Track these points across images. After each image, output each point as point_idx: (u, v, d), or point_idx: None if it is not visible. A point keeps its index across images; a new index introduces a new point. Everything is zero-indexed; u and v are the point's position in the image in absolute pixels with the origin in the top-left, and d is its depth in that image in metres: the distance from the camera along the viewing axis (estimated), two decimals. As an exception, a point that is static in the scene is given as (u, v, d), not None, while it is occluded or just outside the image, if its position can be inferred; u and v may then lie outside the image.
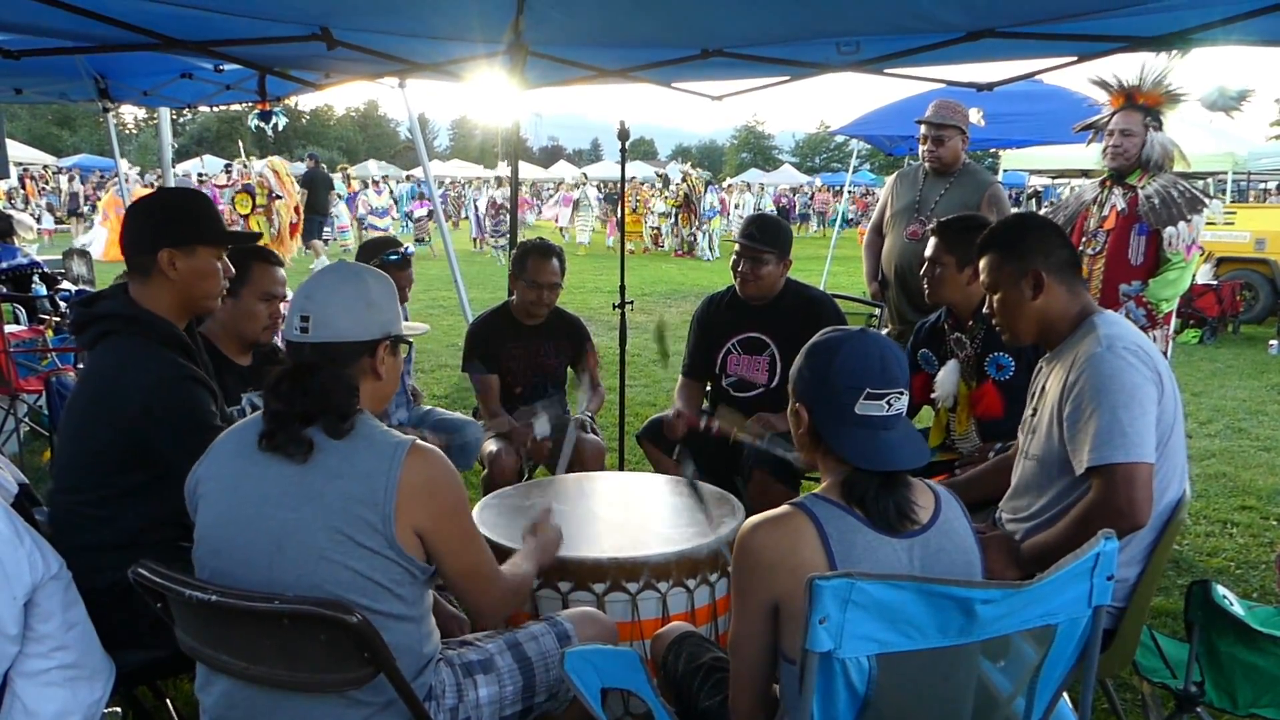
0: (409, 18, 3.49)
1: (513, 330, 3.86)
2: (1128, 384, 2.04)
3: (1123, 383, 2.04)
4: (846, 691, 1.36)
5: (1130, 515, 2.00)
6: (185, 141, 51.51)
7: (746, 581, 1.56)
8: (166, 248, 2.17)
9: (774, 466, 3.19)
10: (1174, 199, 3.78)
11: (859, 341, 1.59)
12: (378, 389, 1.81)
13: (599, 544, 2.45)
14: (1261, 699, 2.18)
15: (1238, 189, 15.63)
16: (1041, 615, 1.46)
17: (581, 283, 13.76)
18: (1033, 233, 2.28)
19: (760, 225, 3.53)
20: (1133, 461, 2.00)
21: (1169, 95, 3.81)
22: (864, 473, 1.55)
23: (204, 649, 1.67)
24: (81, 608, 1.97)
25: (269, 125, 5.48)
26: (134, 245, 2.22)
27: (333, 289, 1.77)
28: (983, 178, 4.54)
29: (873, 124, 9.67)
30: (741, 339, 3.60)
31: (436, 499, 1.69)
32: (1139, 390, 2.04)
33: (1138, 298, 3.84)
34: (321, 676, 1.59)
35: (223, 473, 1.73)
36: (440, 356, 8.16)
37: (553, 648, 1.95)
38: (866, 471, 1.55)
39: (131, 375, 2.09)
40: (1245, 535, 4.34)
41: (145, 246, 2.19)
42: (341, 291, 1.77)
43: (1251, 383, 7.78)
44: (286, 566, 1.63)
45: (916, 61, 3.55)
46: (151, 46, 3.54)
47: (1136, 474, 2.00)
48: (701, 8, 3.22)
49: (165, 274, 2.18)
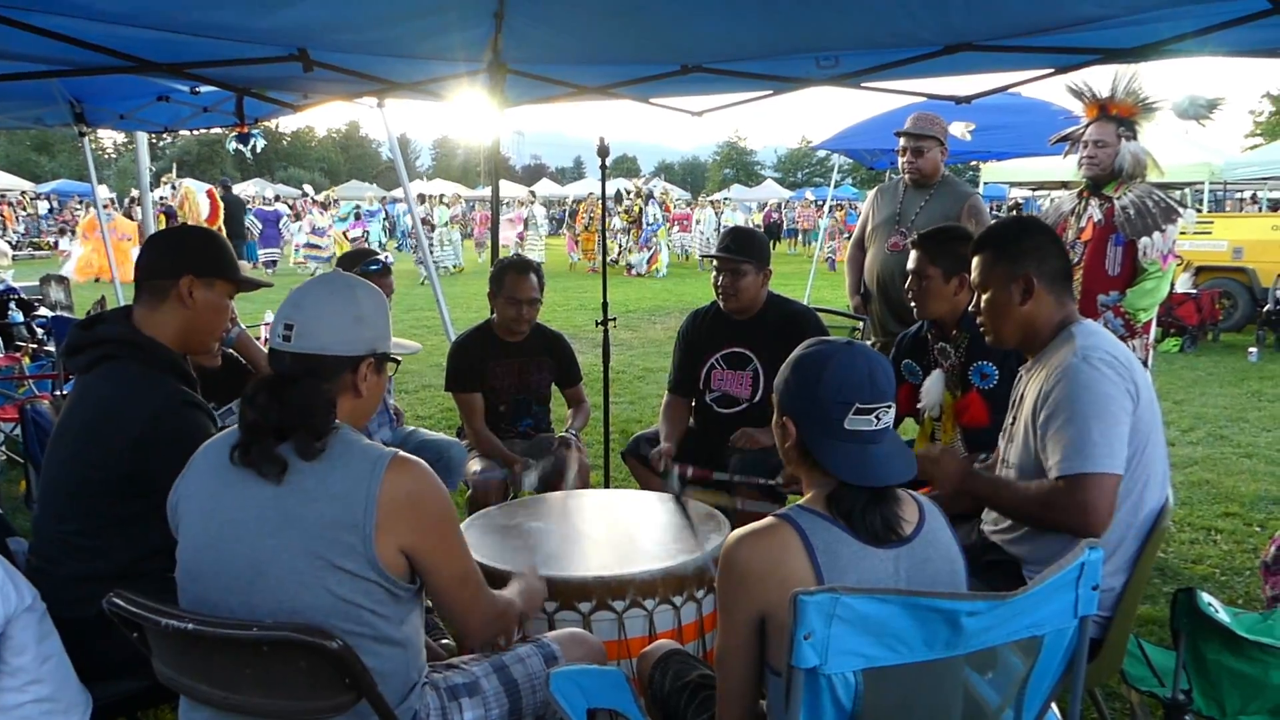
0: (387, 38, 3.49)
1: (495, 348, 3.85)
2: (1101, 395, 2.05)
3: (1096, 394, 2.05)
4: (833, 707, 1.35)
5: (1086, 523, 2.03)
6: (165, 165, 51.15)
7: (732, 594, 1.54)
8: (189, 274, 2.16)
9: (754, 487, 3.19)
10: (1149, 209, 3.80)
11: (846, 355, 1.57)
12: (357, 406, 1.77)
13: (585, 563, 2.43)
14: (1249, 706, 2.18)
15: (1215, 199, 15.80)
16: (1028, 626, 1.46)
17: (566, 300, 13.75)
18: (1030, 237, 2.28)
19: (736, 237, 3.55)
20: (1100, 473, 2.02)
21: (1142, 105, 3.85)
22: (852, 488, 1.54)
23: (182, 679, 1.63)
24: (57, 640, 1.93)
25: (248, 147, 5.46)
26: (154, 268, 2.20)
27: (321, 299, 1.74)
28: (962, 189, 4.56)
29: (853, 138, 9.73)
30: (725, 354, 3.59)
31: (420, 513, 1.65)
32: (1112, 402, 2.05)
33: (1115, 308, 3.86)
34: (303, 704, 1.56)
35: (200, 494, 1.69)
36: (424, 377, 8.13)
37: (539, 669, 1.92)
38: (855, 486, 1.54)
39: (132, 400, 2.06)
40: (1229, 542, 4.36)
41: (168, 270, 2.17)
42: (330, 303, 1.73)
43: (1232, 390, 7.84)
44: (266, 592, 1.60)
45: (895, 75, 3.58)
46: (126, 69, 3.52)
47: (1102, 484, 2.03)
48: (680, 24, 3.23)
49: (181, 300, 2.17)
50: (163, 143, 53.39)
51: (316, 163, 67.48)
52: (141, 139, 6.66)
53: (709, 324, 3.68)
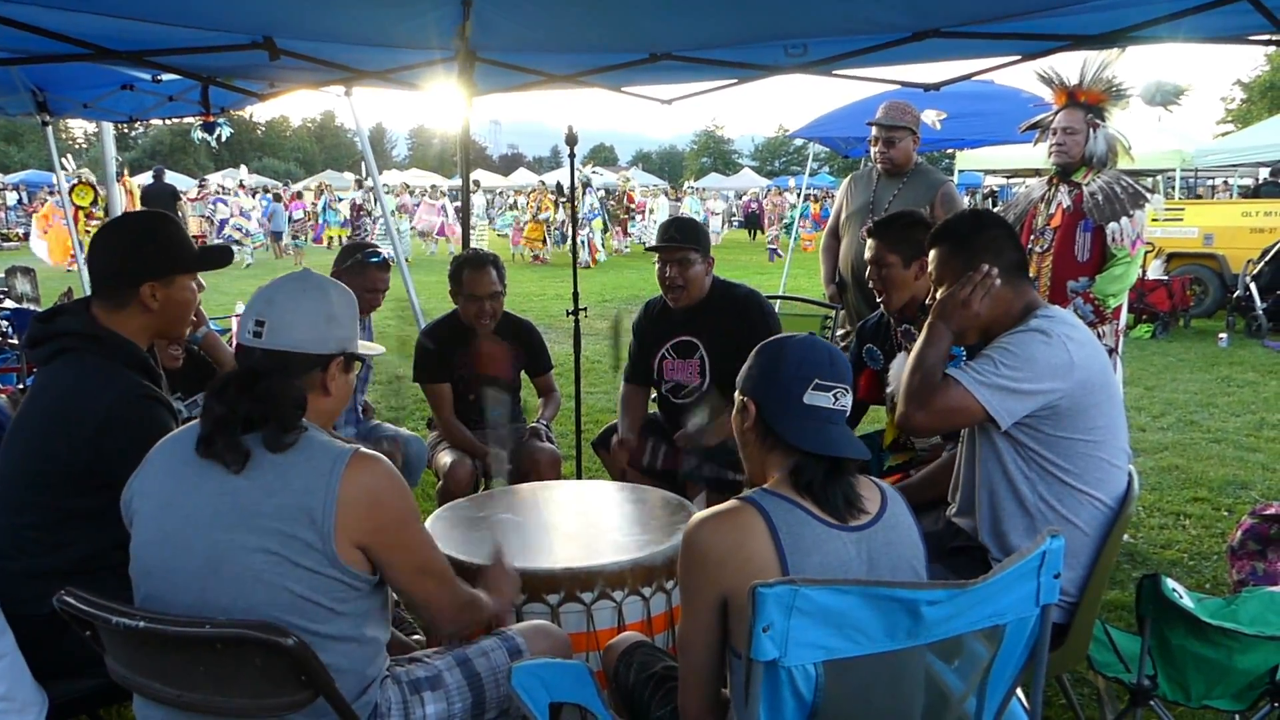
0: (354, 25, 3.45)
1: (463, 337, 3.81)
2: (1025, 352, 2.10)
3: (1022, 347, 2.11)
4: (794, 700, 1.34)
5: (911, 413, 2.16)
6: (138, 155, 50.65)
7: (695, 578, 1.54)
8: (148, 281, 2.13)
9: (713, 484, 3.19)
10: (1117, 195, 3.82)
11: (808, 340, 1.67)
12: (325, 405, 1.76)
13: (553, 554, 2.41)
14: (1214, 690, 2.20)
15: (1186, 185, 15.95)
16: (989, 615, 1.45)
17: (543, 290, 13.70)
18: (984, 231, 2.28)
19: (679, 226, 3.54)
20: (966, 388, 2.09)
21: (1110, 92, 3.86)
22: (811, 459, 1.57)
23: (135, 677, 1.60)
24: (10, 638, 1.89)
25: (213, 136, 5.39)
26: (110, 276, 2.16)
27: (294, 297, 1.73)
28: (935, 178, 4.56)
29: (828, 126, 9.72)
30: (674, 343, 3.60)
31: (379, 511, 1.64)
32: (1035, 363, 2.09)
33: (1085, 294, 3.88)
34: (258, 701, 1.54)
35: (157, 488, 1.67)
36: (396, 368, 8.06)
37: (503, 663, 1.90)
38: (814, 457, 1.57)
39: (91, 392, 2.03)
40: (1198, 527, 4.40)
41: (125, 279, 2.14)
42: (302, 301, 1.73)
43: (1202, 375, 7.91)
44: (221, 589, 1.57)
45: (865, 62, 3.57)
46: (85, 57, 3.47)
47: (959, 396, 2.10)
48: (646, 12, 3.21)
49: (145, 306, 2.15)
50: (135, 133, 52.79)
51: (291, 152, 66.89)
52: (107, 129, 6.55)
53: (658, 315, 3.68)
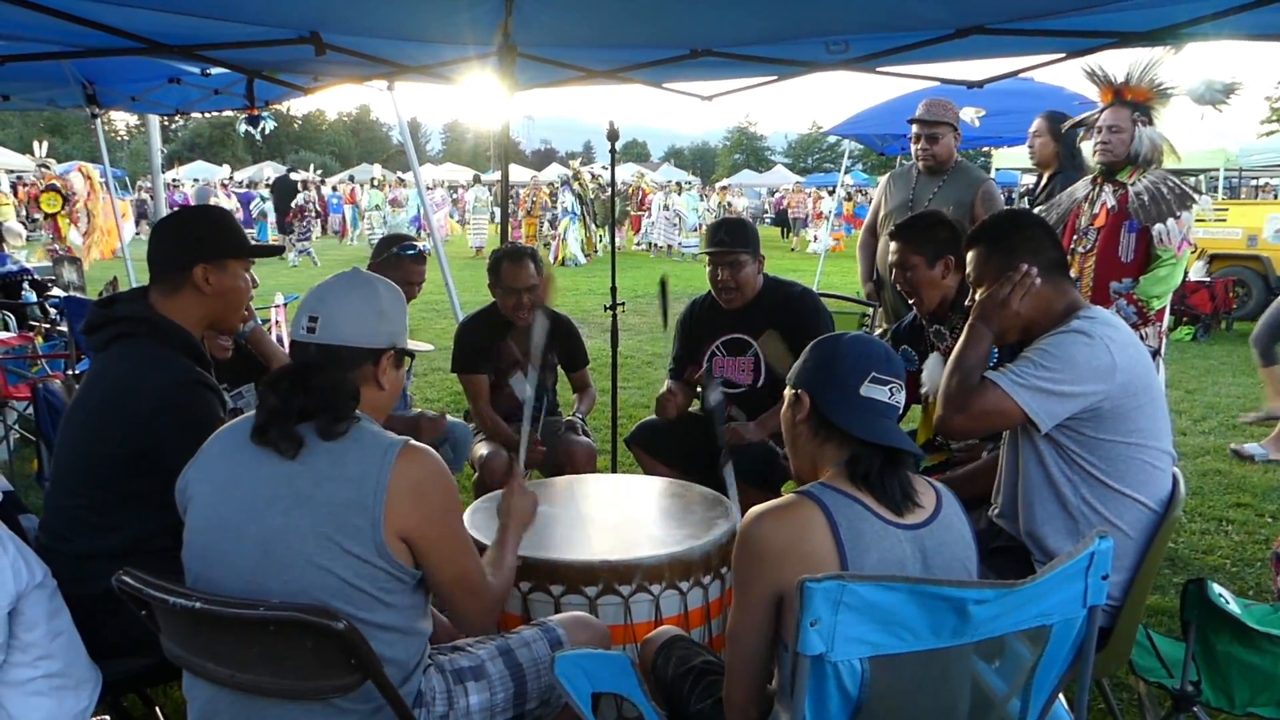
0: (398, 20, 3.48)
1: (502, 329, 3.84)
2: (1065, 354, 2.08)
3: (1062, 348, 2.09)
4: (839, 695, 1.34)
5: (950, 415, 2.16)
6: (177, 148, 51.30)
7: (751, 572, 1.53)
8: (201, 263, 2.20)
9: (751, 473, 3.17)
10: (1163, 195, 3.76)
11: (863, 336, 1.70)
12: (378, 399, 1.81)
13: (591, 547, 2.43)
14: (1259, 698, 2.17)
15: (1229, 185, 15.65)
16: (1036, 616, 1.45)
17: (576, 285, 13.73)
18: (1022, 230, 2.27)
19: (728, 229, 3.52)
20: (1004, 390, 2.08)
21: (1157, 90, 3.80)
22: (868, 449, 1.57)
23: (189, 657, 1.64)
24: (67, 616, 1.95)
25: (257, 129, 5.47)
26: (166, 261, 2.24)
27: (345, 294, 1.78)
28: (975, 175, 4.53)
29: (864, 123, 9.66)
30: (725, 340, 3.59)
31: (425, 501, 1.67)
32: (1076, 364, 2.07)
33: (1128, 295, 3.83)
34: (307, 683, 1.57)
35: (212, 476, 1.71)
36: (433, 360, 8.13)
37: (545, 654, 1.93)
38: (871, 447, 1.57)
39: (147, 377, 2.09)
40: (1241, 533, 4.33)
41: (179, 261, 2.21)
42: (353, 297, 1.78)
43: (1245, 379, 7.77)
44: (273, 573, 1.61)
45: (906, 59, 3.55)
46: (137, 51, 3.53)
47: (996, 398, 2.08)
48: (689, 8, 3.22)
49: (199, 289, 2.21)
50: (174, 126, 53.50)
51: (327, 146, 67.42)
52: (153, 121, 6.67)
53: (707, 311, 3.67)
